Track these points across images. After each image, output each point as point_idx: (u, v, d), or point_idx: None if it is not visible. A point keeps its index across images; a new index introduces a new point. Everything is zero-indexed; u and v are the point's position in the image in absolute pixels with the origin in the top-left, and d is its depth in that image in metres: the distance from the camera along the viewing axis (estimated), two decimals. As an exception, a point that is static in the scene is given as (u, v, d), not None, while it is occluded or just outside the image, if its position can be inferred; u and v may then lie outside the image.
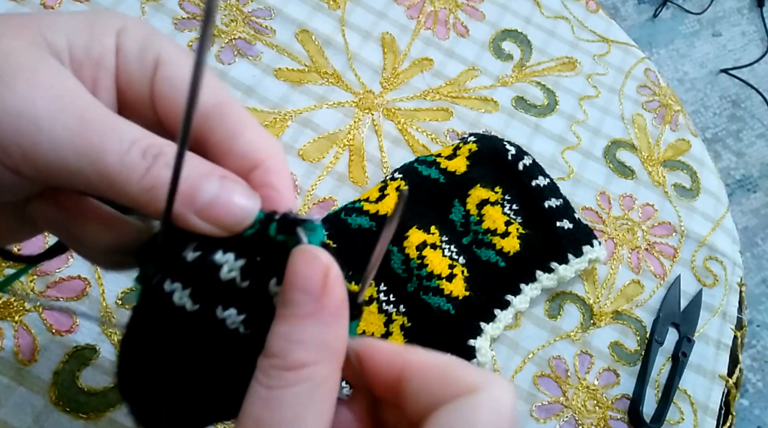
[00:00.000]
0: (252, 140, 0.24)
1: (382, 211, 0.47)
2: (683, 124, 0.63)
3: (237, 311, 0.22)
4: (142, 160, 0.21)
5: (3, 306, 0.40)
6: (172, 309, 0.22)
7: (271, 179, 0.24)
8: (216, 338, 0.22)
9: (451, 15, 0.62)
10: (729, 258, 0.56)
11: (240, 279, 0.22)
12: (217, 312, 0.22)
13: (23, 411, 0.38)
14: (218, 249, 0.22)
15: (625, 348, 0.50)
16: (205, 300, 0.22)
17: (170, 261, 0.22)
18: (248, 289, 0.22)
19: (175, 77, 0.24)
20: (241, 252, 0.22)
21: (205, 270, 0.22)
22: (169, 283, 0.22)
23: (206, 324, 0.22)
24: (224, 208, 0.22)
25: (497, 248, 0.48)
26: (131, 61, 0.24)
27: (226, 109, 0.24)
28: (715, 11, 1.71)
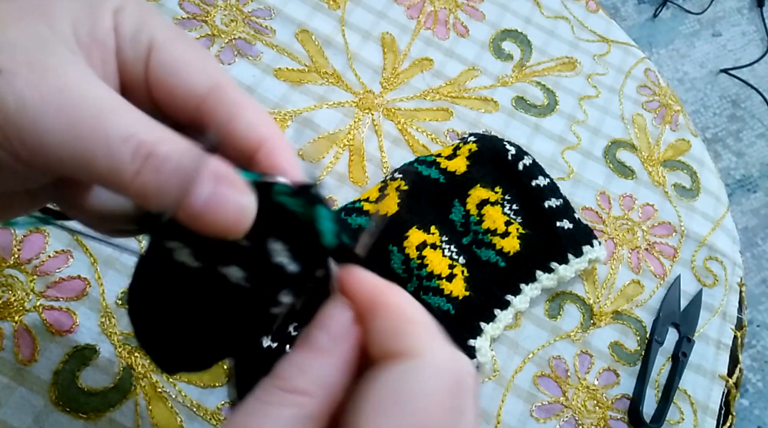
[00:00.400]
0: (250, 122, 0.24)
1: (381, 211, 0.47)
2: (683, 124, 0.63)
3: (238, 267, 0.23)
4: (130, 162, 0.20)
5: (3, 306, 0.40)
6: (174, 265, 0.23)
7: (277, 160, 0.24)
8: (219, 290, 0.23)
9: (451, 15, 0.62)
10: (729, 258, 0.56)
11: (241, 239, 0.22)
12: (219, 269, 0.23)
13: (23, 411, 0.38)
14: None
15: (625, 348, 0.50)
16: (207, 258, 0.23)
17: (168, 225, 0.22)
18: (248, 247, 0.23)
19: (168, 62, 0.24)
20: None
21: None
22: (170, 241, 0.23)
23: (209, 279, 0.23)
24: (219, 212, 0.21)
25: (497, 248, 0.48)
26: (126, 42, 0.24)
27: (222, 92, 0.24)
28: (715, 11, 1.71)
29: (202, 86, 0.24)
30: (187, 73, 0.24)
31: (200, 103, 0.24)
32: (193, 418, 0.40)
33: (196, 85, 0.24)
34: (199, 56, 0.24)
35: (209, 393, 0.41)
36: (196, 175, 0.21)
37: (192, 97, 0.24)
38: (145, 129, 0.21)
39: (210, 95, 0.24)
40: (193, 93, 0.24)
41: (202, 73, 0.24)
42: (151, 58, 0.24)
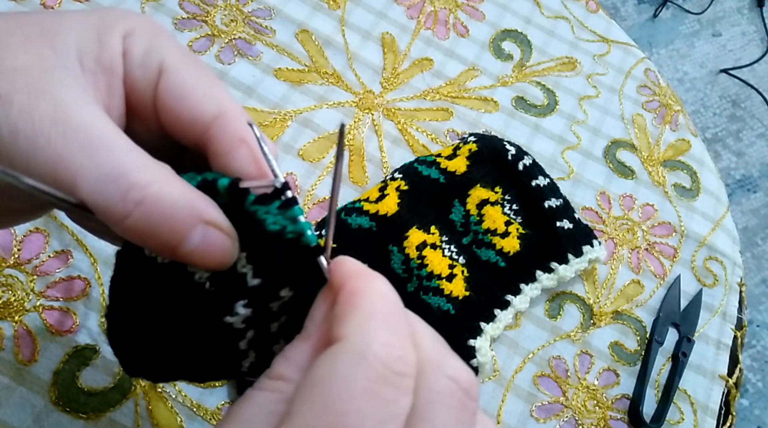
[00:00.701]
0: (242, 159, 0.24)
1: (382, 211, 0.47)
2: (683, 124, 0.63)
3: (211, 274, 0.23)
4: (121, 203, 0.20)
5: (3, 306, 0.40)
6: (142, 259, 0.23)
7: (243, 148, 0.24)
8: (183, 288, 0.23)
9: (451, 15, 0.62)
10: (729, 258, 0.56)
11: None
12: (195, 276, 0.23)
13: (23, 411, 0.38)
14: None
15: (625, 348, 0.50)
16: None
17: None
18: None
19: (179, 87, 0.24)
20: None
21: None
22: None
23: (175, 275, 0.23)
24: (206, 256, 0.22)
25: (497, 248, 0.48)
26: (135, 66, 0.24)
27: (227, 120, 0.24)
28: (715, 11, 1.71)
29: (207, 114, 0.24)
30: (194, 99, 0.24)
31: (205, 130, 0.24)
32: (193, 418, 0.40)
33: (202, 113, 0.24)
34: (207, 82, 0.25)
35: (209, 393, 0.41)
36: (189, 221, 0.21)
37: (197, 124, 0.24)
38: (137, 168, 0.21)
39: (215, 123, 0.24)
40: (198, 120, 0.24)
41: (209, 99, 0.24)
42: (160, 82, 0.24)
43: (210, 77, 0.25)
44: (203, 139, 0.24)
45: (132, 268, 0.24)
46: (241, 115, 0.25)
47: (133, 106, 0.25)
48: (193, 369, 0.25)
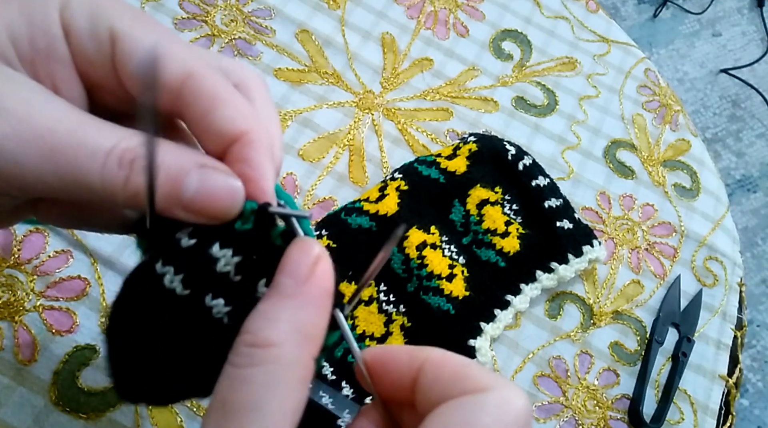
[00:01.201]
0: (226, 116, 0.22)
1: (382, 211, 0.47)
2: (683, 124, 0.63)
3: (225, 302, 0.22)
4: (119, 170, 0.20)
5: (3, 306, 0.40)
6: (161, 290, 0.22)
7: (247, 153, 0.23)
8: (199, 323, 0.23)
9: (451, 15, 0.62)
10: (729, 258, 0.56)
11: (233, 274, 0.22)
12: (206, 299, 0.22)
13: (23, 411, 0.38)
14: (215, 242, 0.22)
15: (625, 348, 0.50)
16: (196, 287, 0.22)
17: (162, 242, 0.22)
18: (239, 283, 0.22)
19: (136, 52, 0.22)
20: (239, 249, 0.22)
21: (200, 259, 0.22)
22: (161, 266, 0.22)
23: (192, 309, 0.22)
24: (208, 200, 0.21)
25: (497, 248, 0.48)
26: (84, 41, 0.22)
27: (197, 82, 0.22)
28: (715, 11, 1.71)
29: (175, 78, 0.22)
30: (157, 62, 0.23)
31: (176, 96, 0.23)
32: (194, 418, 0.40)
33: (169, 78, 0.22)
34: (167, 43, 0.23)
35: (209, 393, 0.41)
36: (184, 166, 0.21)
37: (167, 91, 0.22)
38: (120, 137, 0.21)
39: (185, 87, 0.22)
40: (166, 86, 0.22)
41: (173, 61, 0.22)
42: (116, 50, 0.22)
43: (170, 37, 0.23)
44: (177, 106, 0.23)
45: (143, 296, 0.23)
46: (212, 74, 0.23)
47: (96, 82, 0.23)
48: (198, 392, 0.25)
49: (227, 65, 0.25)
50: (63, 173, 0.20)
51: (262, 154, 0.23)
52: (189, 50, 0.23)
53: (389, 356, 0.23)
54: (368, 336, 0.44)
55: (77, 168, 0.20)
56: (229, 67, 0.25)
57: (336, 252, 0.45)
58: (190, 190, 0.21)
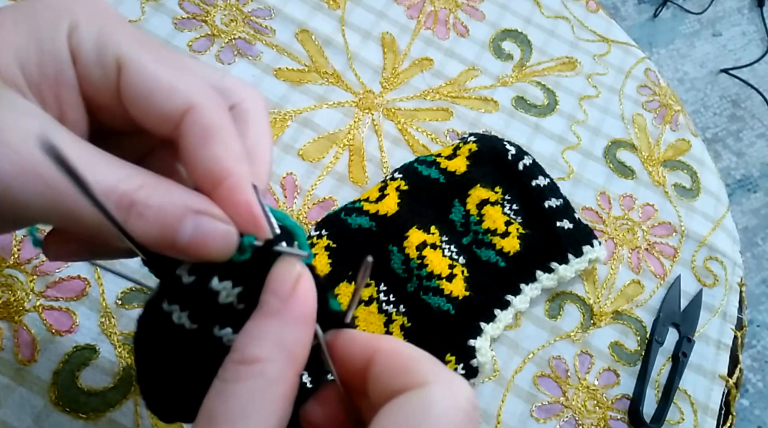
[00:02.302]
0: (215, 155, 0.22)
1: (381, 211, 0.47)
2: (683, 123, 0.63)
3: (233, 330, 0.23)
4: (116, 213, 0.20)
5: (3, 306, 0.40)
6: (171, 326, 0.23)
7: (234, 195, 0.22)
8: (213, 351, 0.23)
9: (451, 15, 0.62)
10: (729, 258, 0.56)
11: (237, 303, 0.23)
12: (215, 330, 0.23)
13: (23, 411, 0.38)
14: (214, 276, 0.22)
15: (625, 348, 0.50)
16: (203, 321, 0.23)
17: (165, 278, 0.23)
18: (244, 310, 0.23)
19: (141, 83, 0.22)
20: (238, 280, 0.23)
21: (202, 294, 0.23)
22: (167, 305, 0.23)
23: (204, 340, 0.23)
24: (204, 245, 0.22)
25: (497, 248, 0.48)
26: (91, 68, 0.22)
27: (197, 115, 0.22)
28: (715, 11, 1.71)
29: (176, 110, 0.23)
30: (160, 96, 0.22)
31: (174, 127, 0.23)
32: (193, 418, 0.40)
33: (169, 110, 0.23)
34: (172, 73, 0.23)
35: (209, 393, 0.41)
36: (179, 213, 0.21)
37: (165, 122, 0.23)
38: (120, 178, 0.21)
39: (185, 119, 0.23)
40: (167, 116, 0.23)
41: (175, 94, 0.23)
42: (121, 80, 0.22)
43: (174, 65, 0.23)
44: (174, 136, 0.23)
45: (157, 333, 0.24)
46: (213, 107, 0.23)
47: (99, 106, 0.24)
48: None
49: (229, 85, 0.26)
50: (61, 211, 0.21)
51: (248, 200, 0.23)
52: (192, 76, 0.23)
53: (347, 341, 0.23)
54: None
55: (75, 207, 0.20)
56: (231, 86, 0.25)
57: (336, 252, 0.45)
58: (185, 237, 0.21)
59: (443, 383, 0.21)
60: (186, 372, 0.24)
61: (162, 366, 0.24)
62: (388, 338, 0.23)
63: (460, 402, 0.20)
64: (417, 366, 0.21)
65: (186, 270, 0.23)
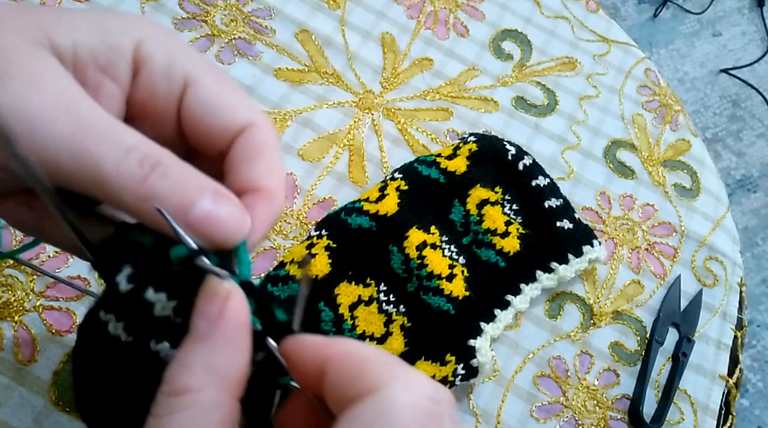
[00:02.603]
0: (261, 169, 0.24)
1: (382, 211, 0.47)
2: (683, 123, 0.63)
3: (170, 345, 0.22)
4: (139, 168, 0.21)
5: (3, 306, 0.40)
6: (107, 337, 0.22)
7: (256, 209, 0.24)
8: (149, 366, 0.22)
9: (451, 15, 0.62)
10: (729, 258, 0.56)
11: (173, 316, 0.22)
12: (151, 344, 0.22)
13: (23, 411, 0.38)
14: (150, 286, 0.22)
15: (625, 348, 0.50)
16: (139, 333, 0.22)
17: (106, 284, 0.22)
18: (181, 324, 0.22)
19: (205, 99, 0.24)
20: (174, 293, 0.22)
21: (138, 305, 0.22)
22: (104, 314, 0.22)
23: (140, 354, 0.22)
24: (215, 225, 0.21)
25: (497, 248, 0.48)
26: (158, 76, 0.24)
27: (254, 131, 0.25)
28: (716, 11, 1.71)
29: (238, 124, 0.24)
30: (225, 111, 0.24)
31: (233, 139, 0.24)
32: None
33: (234, 123, 0.24)
34: (235, 92, 0.25)
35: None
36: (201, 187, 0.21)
37: (227, 134, 0.24)
38: (149, 142, 0.22)
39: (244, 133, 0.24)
40: (229, 130, 0.24)
41: (240, 109, 0.25)
42: (187, 94, 0.24)
43: (236, 87, 0.25)
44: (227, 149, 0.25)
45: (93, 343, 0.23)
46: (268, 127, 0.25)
47: (149, 113, 0.25)
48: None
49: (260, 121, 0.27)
50: (80, 156, 0.20)
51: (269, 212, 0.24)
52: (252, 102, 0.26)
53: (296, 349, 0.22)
54: (368, 336, 0.44)
55: (96, 154, 0.20)
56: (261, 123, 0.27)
57: (336, 252, 0.45)
58: (201, 211, 0.21)
59: (398, 383, 0.19)
60: (123, 388, 0.23)
61: (98, 380, 0.23)
62: (341, 341, 0.22)
63: (419, 400, 0.19)
64: (370, 369, 0.20)
65: (126, 276, 0.22)
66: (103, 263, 0.23)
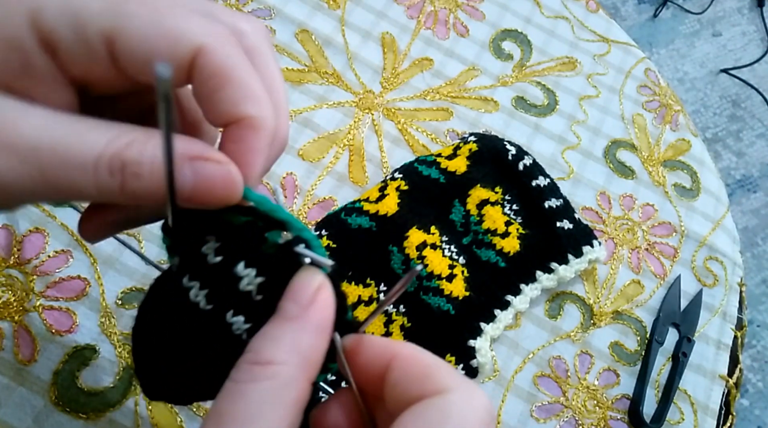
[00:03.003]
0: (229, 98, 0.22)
1: (382, 211, 0.47)
2: (683, 123, 0.63)
3: (245, 319, 0.23)
4: (111, 178, 0.20)
5: (3, 306, 0.40)
6: (185, 303, 0.23)
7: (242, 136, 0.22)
8: (219, 337, 0.24)
9: (451, 15, 0.62)
10: (729, 258, 0.56)
11: (255, 293, 0.23)
12: (227, 315, 0.23)
13: (23, 411, 0.38)
14: (241, 261, 0.23)
15: (625, 348, 0.50)
16: (219, 303, 0.23)
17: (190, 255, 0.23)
18: (260, 302, 0.23)
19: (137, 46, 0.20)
20: (262, 270, 0.23)
21: (225, 277, 0.23)
22: (188, 280, 0.23)
23: (213, 323, 0.23)
24: (206, 190, 0.21)
25: (497, 248, 0.48)
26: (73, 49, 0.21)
27: (206, 58, 0.21)
28: (716, 11, 1.71)
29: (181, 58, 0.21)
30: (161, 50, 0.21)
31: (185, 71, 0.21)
32: (193, 418, 0.40)
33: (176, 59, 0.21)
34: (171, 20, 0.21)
35: (209, 393, 0.41)
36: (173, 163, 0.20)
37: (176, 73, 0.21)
38: (107, 140, 0.20)
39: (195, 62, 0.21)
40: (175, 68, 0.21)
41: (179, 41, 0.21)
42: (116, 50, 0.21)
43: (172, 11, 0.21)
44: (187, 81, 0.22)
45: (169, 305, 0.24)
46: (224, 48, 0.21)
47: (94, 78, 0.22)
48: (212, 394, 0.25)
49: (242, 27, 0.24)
50: (58, 188, 0.20)
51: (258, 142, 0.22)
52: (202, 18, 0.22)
53: (365, 346, 0.23)
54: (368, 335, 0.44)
55: (71, 182, 0.20)
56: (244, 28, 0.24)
57: (336, 252, 0.45)
58: (187, 185, 0.21)
59: (463, 391, 0.21)
60: (185, 351, 0.24)
61: (162, 339, 0.24)
62: (407, 344, 0.23)
63: (479, 412, 0.21)
64: (437, 374, 0.21)
65: (213, 249, 0.23)
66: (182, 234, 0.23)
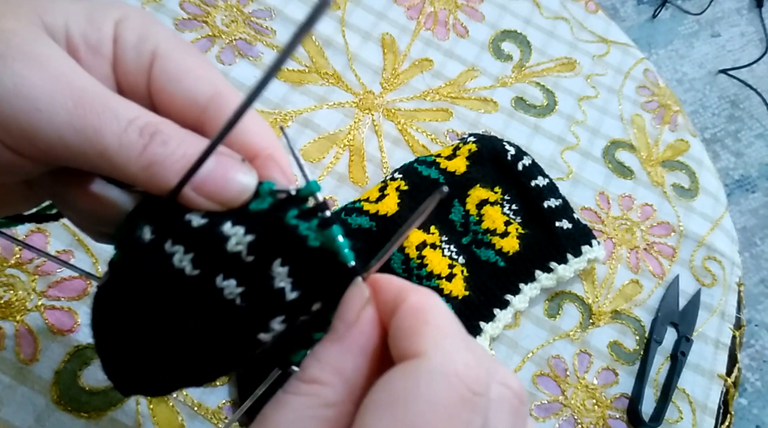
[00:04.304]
0: (249, 131, 0.24)
1: (382, 211, 0.47)
2: (682, 124, 0.63)
3: (237, 282, 0.22)
4: (139, 138, 0.21)
5: (5, 306, 0.40)
6: (167, 271, 0.22)
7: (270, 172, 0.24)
8: (209, 304, 0.22)
9: (451, 16, 0.62)
10: (727, 258, 0.57)
11: (246, 254, 0.22)
12: (217, 280, 0.22)
13: (25, 410, 0.38)
14: (227, 220, 0.22)
15: (624, 347, 0.50)
16: (207, 267, 0.22)
17: (172, 223, 0.22)
18: (251, 263, 0.22)
19: (171, 70, 0.24)
20: (251, 228, 0.22)
21: (211, 238, 0.22)
22: (170, 245, 0.22)
23: (202, 290, 0.22)
24: (221, 183, 0.22)
25: (497, 248, 0.48)
26: (128, 52, 0.24)
27: (223, 99, 0.24)
28: (714, 12, 1.72)
29: (203, 94, 0.24)
30: (190, 81, 0.24)
31: (202, 111, 0.24)
32: (194, 417, 0.40)
33: (199, 93, 0.24)
34: (201, 64, 0.25)
35: (210, 392, 0.41)
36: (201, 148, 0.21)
37: (194, 105, 0.24)
38: (148, 113, 0.22)
39: (211, 103, 0.24)
40: (194, 100, 0.24)
41: (204, 80, 0.24)
42: (154, 67, 0.24)
43: (204, 59, 0.26)
44: (200, 121, 0.24)
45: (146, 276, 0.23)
46: (236, 94, 0.25)
47: (126, 90, 0.25)
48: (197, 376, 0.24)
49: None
50: (83, 130, 0.21)
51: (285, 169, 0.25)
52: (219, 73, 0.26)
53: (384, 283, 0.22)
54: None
55: (98, 127, 0.21)
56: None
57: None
58: (203, 171, 0.22)
59: (439, 356, 0.19)
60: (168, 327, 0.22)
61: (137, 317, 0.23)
62: (425, 292, 0.21)
63: (453, 382, 0.18)
64: (422, 330, 0.20)
65: (199, 214, 0.22)
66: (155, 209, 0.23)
